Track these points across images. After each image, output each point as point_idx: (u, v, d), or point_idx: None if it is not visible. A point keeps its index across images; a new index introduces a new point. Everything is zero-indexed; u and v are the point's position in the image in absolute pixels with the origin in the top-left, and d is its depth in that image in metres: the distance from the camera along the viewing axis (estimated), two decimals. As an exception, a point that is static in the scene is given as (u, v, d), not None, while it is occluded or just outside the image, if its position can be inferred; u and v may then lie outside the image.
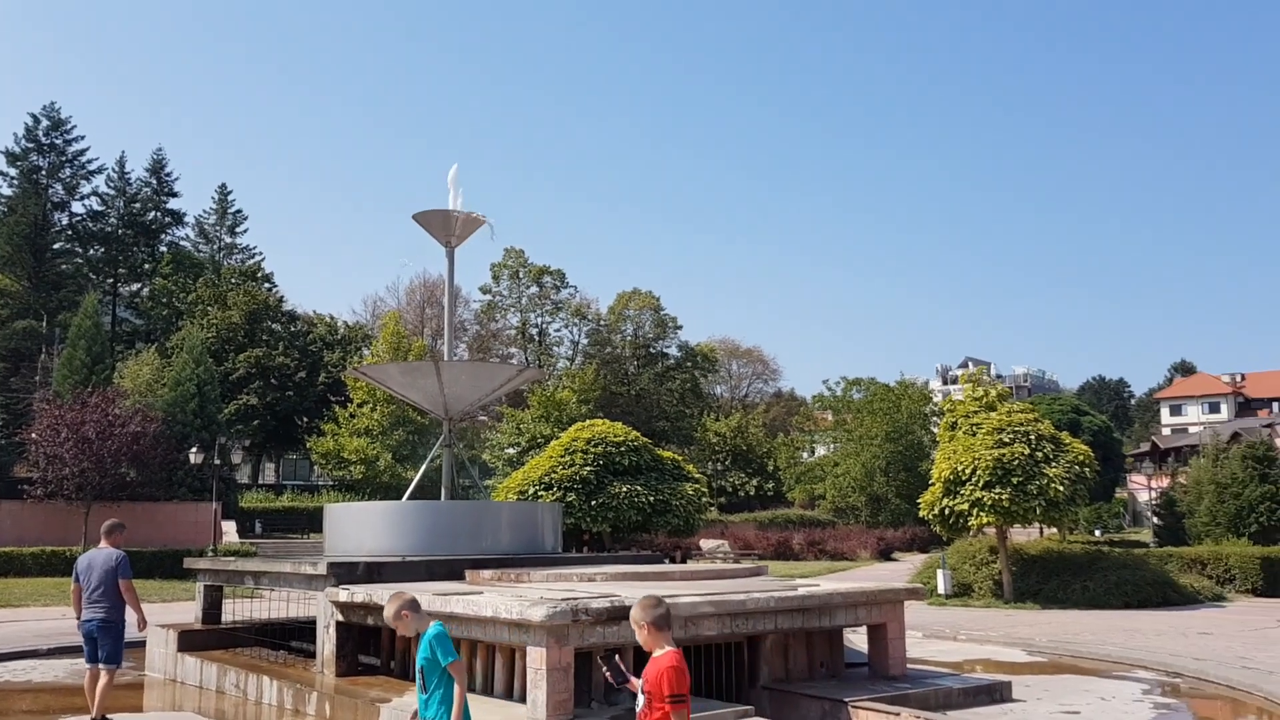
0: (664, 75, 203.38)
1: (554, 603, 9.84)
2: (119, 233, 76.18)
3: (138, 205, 78.21)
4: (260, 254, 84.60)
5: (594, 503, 31.85)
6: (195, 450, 41.08)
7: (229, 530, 45.94)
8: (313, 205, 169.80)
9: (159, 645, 15.87)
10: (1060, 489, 25.45)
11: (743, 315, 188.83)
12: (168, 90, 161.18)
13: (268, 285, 77.32)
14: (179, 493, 44.58)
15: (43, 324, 62.56)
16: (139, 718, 12.74)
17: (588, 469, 32.40)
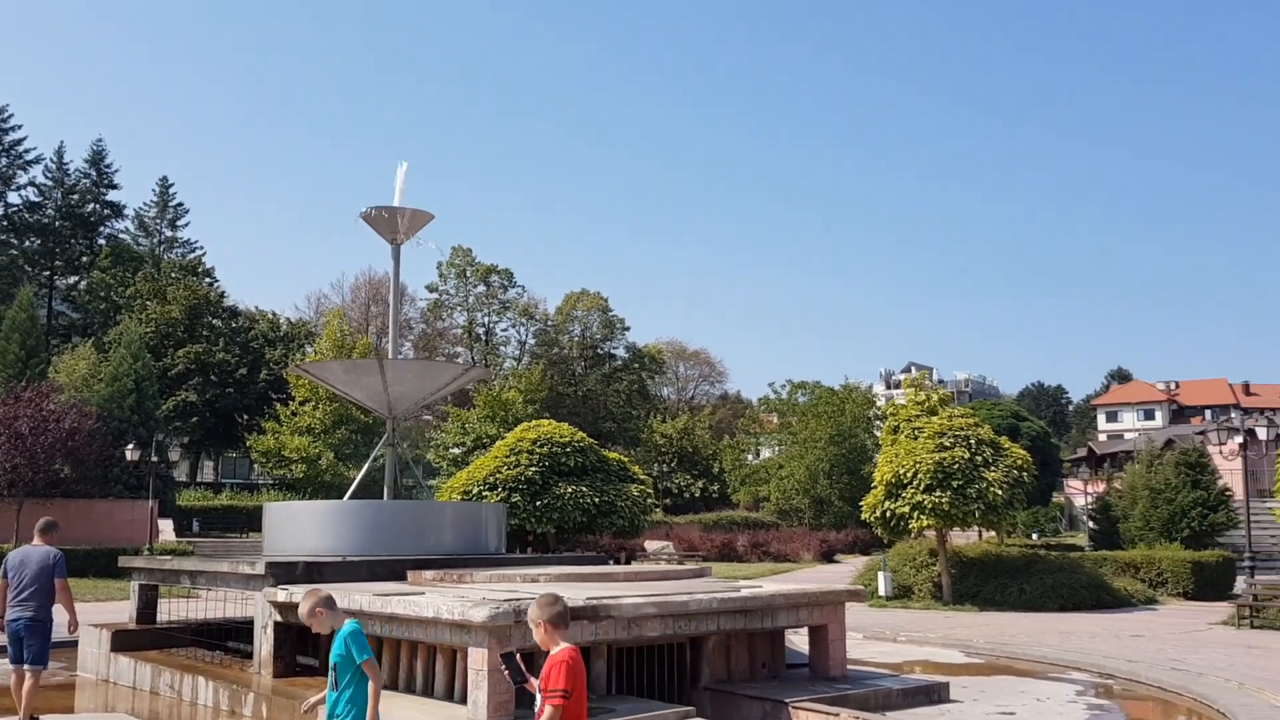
0: (607, 76, 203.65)
1: (496, 604, 9.80)
2: (56, 224, 74.64)
3: (76, 197, 76.65)
4: (201, 248, 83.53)
5: (539, 503, 31.71)
6: (132, 447, 40.35)
7: (166, 529, 45.16)
8: (256, 200, 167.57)
9: (92, 645, 15.55)
10: (999, 493, 25.82)
11: (690, 317, 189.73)
12: (109, 80, 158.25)
13: (209, 280, 76.22)
14: (115, 490, 43.73)
15: (-25, 317, 61.06)
16: (70, 719, 12.48)
17: (533, 469, 32.24)
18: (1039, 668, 16.50)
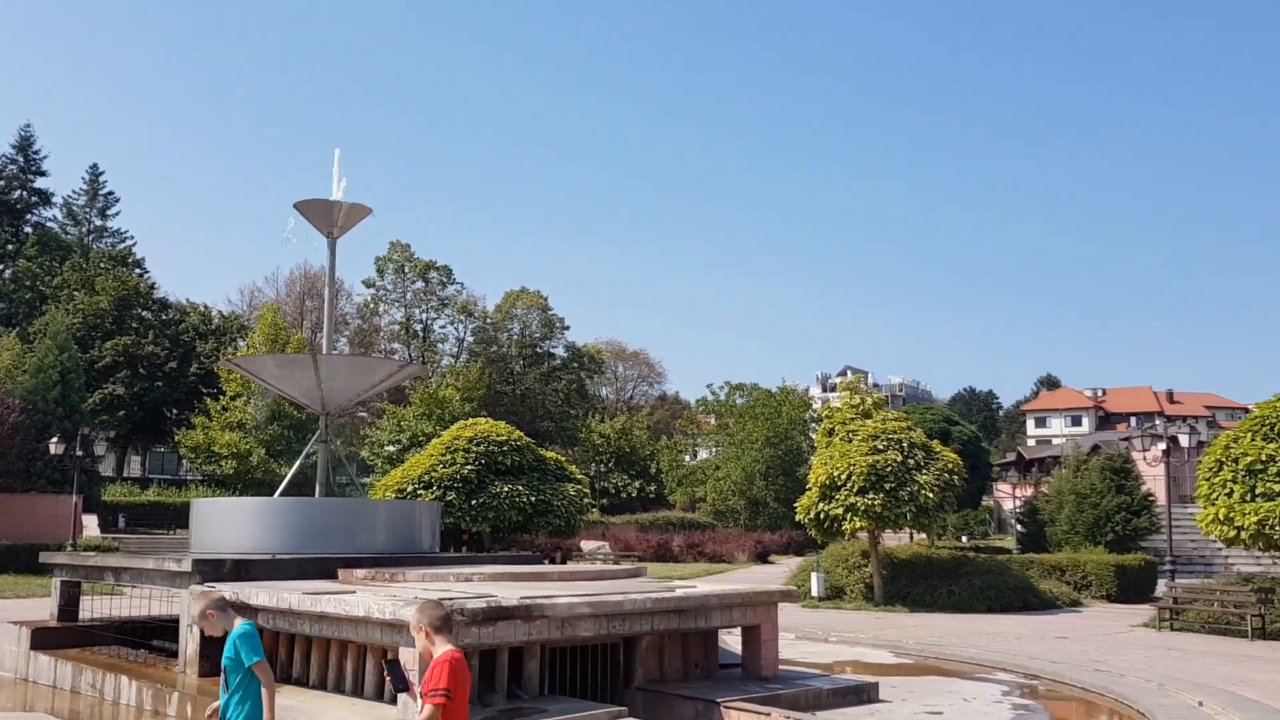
0: (544, 77, 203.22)
1: (428, 602, 9.71)
2: (-20, 211, 72.69)
3: (2, 183, 74.70)
4: (132, 238, 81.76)
5: (474, 502, 31.56)
6: (56, 440, 39.33)
7: (90, 524, 44.22)
8: (189, 191, 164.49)
9: (10, 643, 15.19)
10: (930, 495, 26.21)
11: (631, 318, 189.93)
12: (37, 66, 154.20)
13: (139, 271, 74.72)
14: (37, 484, 42.69)
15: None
16: (-15, 719, 12.18)
17: (469, 468, 32.08)
18: (966, 668, 16.76)
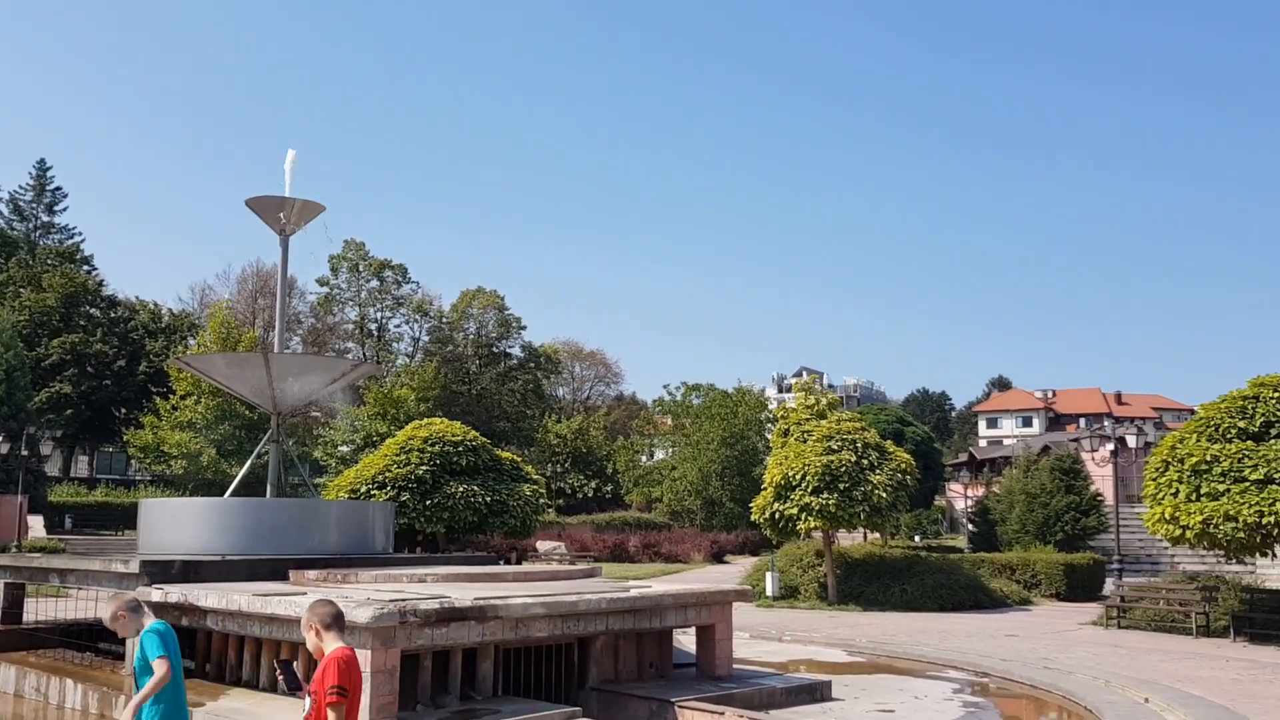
0: (494, 79, 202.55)
1: (381, 604, 9.65)
2: (-78, 205, 71.10)
3: (-55, 177, 73.27)
4: (80, 235, 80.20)
5: (429, 502, 31.34)
6: (1, 439, 38.56)
7: (36, 525, 43.43)
8: (139, 187, 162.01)
9: (-50, 647, 14.85)
10: (884, 495, 26.43)
11: (587, 318, 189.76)
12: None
13: (87, 268, 73.45)
14: (-20, 485, 41.85)
15: None
16: (-76, 725, 11.91)
17: (424, 468, 31.84)
18: (918, 666, 16.93)
